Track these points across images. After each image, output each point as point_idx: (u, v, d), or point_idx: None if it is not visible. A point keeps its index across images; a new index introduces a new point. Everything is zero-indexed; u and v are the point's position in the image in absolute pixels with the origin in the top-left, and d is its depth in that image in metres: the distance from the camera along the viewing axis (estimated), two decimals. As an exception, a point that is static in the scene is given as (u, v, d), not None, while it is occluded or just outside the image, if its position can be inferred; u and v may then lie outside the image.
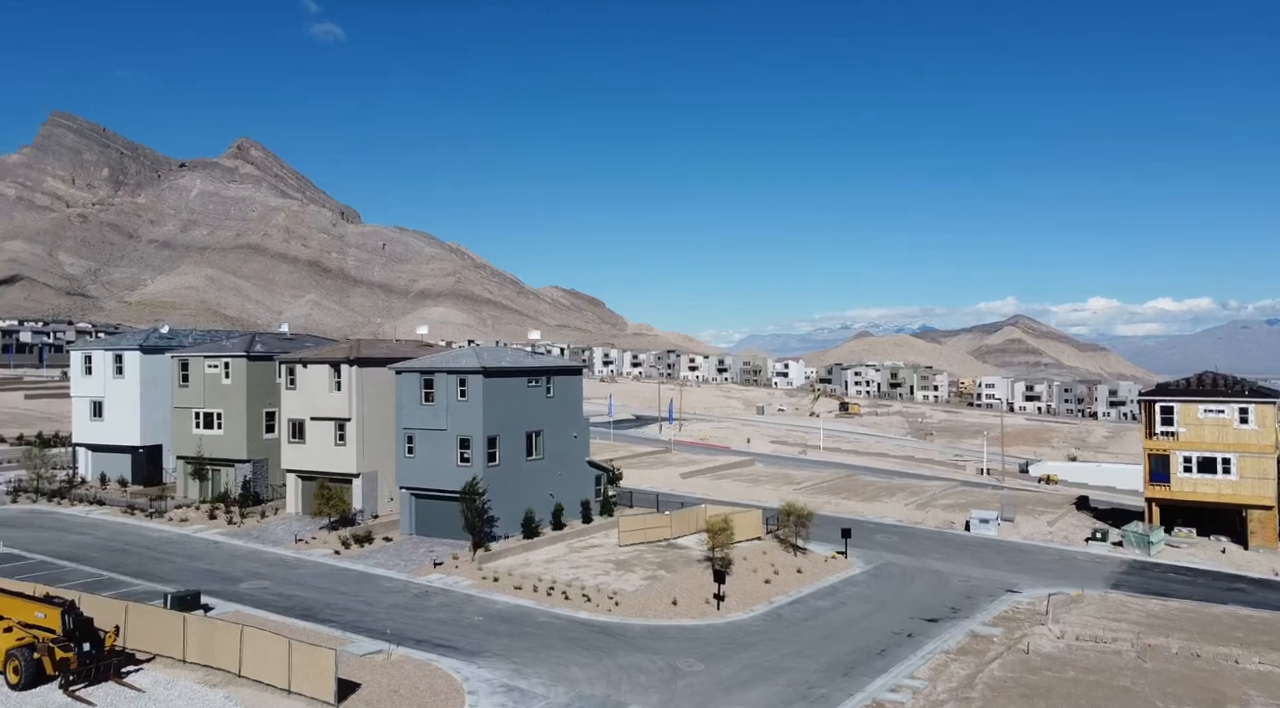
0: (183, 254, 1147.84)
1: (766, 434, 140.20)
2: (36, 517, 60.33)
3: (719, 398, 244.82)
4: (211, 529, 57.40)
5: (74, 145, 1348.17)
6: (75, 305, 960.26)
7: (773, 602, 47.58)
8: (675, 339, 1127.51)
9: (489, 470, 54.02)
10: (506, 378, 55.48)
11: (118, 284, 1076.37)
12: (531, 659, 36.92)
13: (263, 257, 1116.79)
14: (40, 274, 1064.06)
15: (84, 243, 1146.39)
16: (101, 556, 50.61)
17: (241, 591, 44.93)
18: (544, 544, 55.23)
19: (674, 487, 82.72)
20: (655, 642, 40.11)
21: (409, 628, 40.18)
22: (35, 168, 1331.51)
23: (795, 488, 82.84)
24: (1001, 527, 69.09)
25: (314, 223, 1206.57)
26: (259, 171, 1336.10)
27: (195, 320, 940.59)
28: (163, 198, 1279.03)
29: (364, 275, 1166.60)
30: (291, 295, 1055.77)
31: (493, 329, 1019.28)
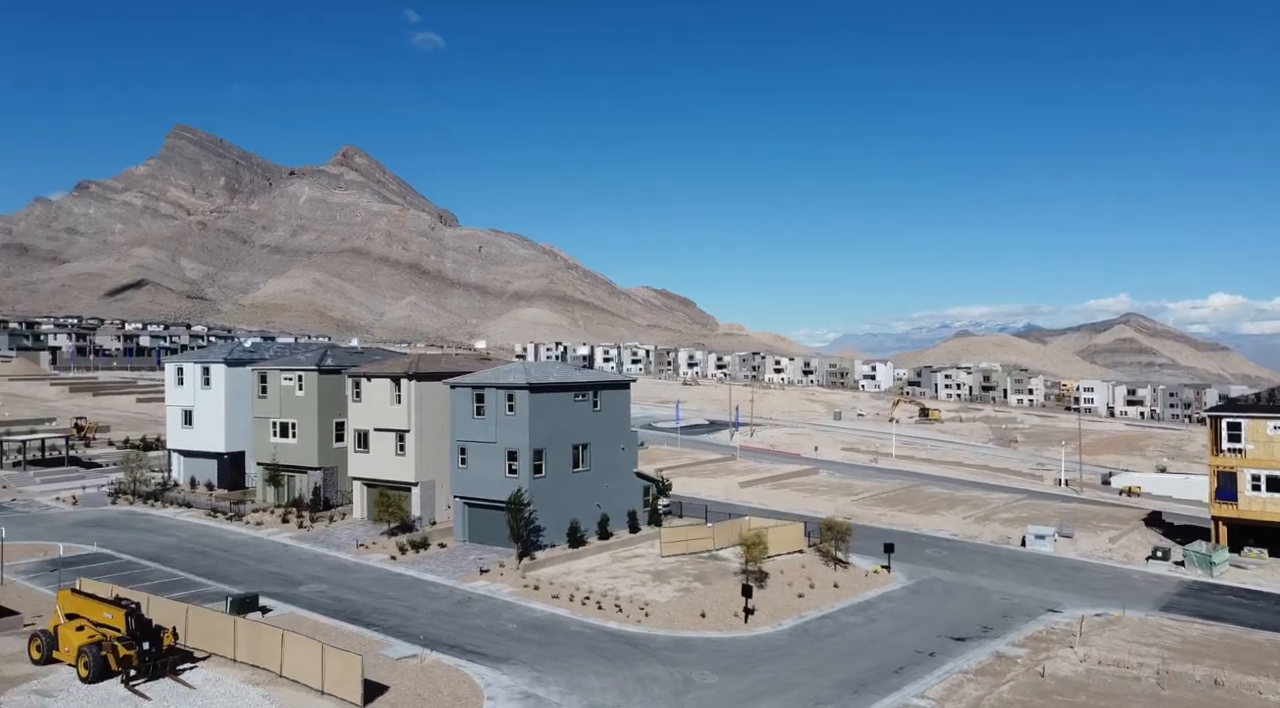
0: (292, 258, 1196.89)
1: (840, 441, 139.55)
2: (131, 518, 65.61)
3: (802, 402, 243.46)
4: (283, 533, 61.50)
5: (194, 156, 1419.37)
6: (195, 308, 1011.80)
7: (803, 616, 48.59)
8: (766, 339, 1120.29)
9: (535, 482, 56.45)
10: (553, 393, 57.80)
11: (233, 287, 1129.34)
12: (554, 668, 39.01)
13: (366, 260, 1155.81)
14: (164, 278, 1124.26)
15: (203, 249, 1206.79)
16: (181, 557, 54.99)
17: (300, 593, 48.40)
18: (588, 554, 57.37)
19: (731, 496, 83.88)
20: (677, 654, 41.71)
21: (446, 634, 42.80)
22: (160, 178, 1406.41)
23: (853, 499, 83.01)
24: (1058, 543, 68.15)
25: (414, 227, 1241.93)
26: (363, 178, 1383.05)
27: (303, 322, 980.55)
28: (274, 205, 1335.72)
29: (461, 277, 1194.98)
30: (393, 297, 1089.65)
31: (584, 330, 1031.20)
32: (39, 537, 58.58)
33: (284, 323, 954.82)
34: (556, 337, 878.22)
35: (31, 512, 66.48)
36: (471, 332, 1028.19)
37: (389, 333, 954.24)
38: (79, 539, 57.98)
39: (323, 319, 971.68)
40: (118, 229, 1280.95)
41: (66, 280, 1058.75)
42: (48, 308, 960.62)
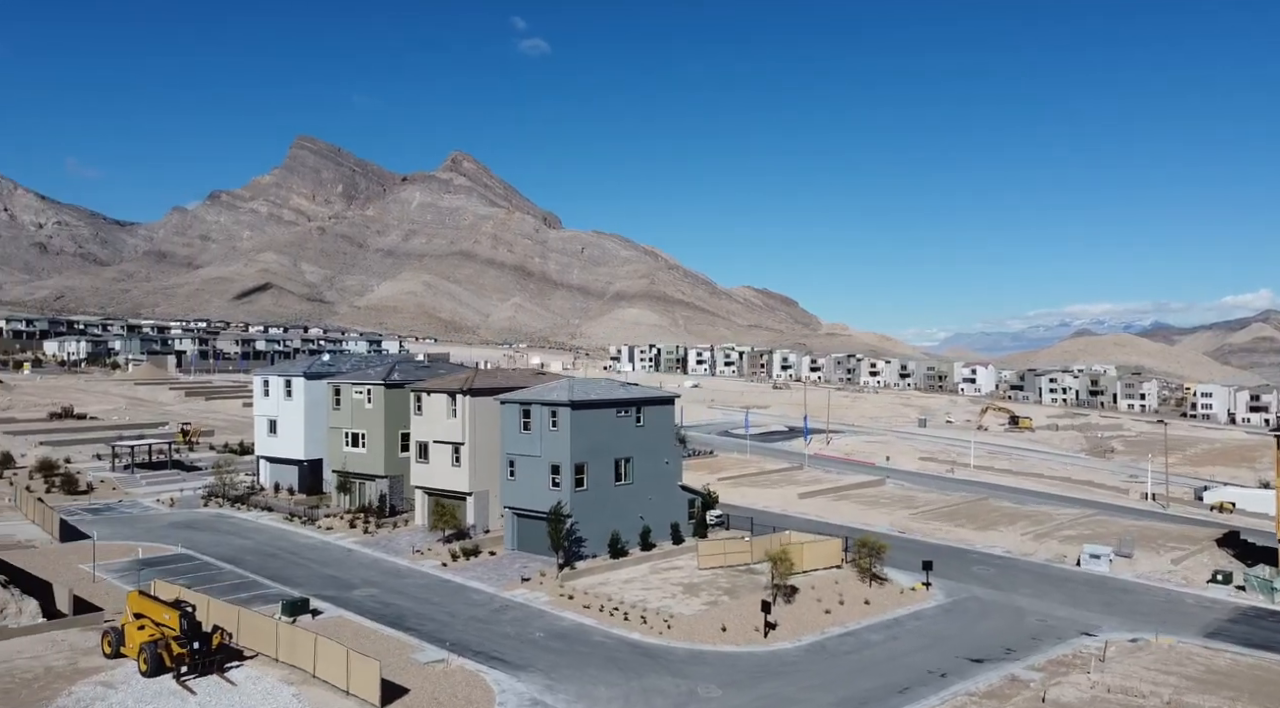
0: (404, 261, 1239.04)
1: (920, 450, 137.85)
2: (218, 520, 71.31)
3: (895, 406, 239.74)
4: (349, 538, 65.91)
5: (314, 165, 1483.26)
6: (314, 310, 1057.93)
7: (824, 633, 49.73)
8: (870, 340, 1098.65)
9: (577, 495, 59.11)
10: (595, 409, 60.33)
11: (349, 290, 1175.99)
12: (568, 676, 41.48)
13: (473, 262, 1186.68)
14: (286, 282, 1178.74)
15: (322, 253, 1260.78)
16: (254, 559, 59.81)
17: (353, 597, 52.27)
18: (628, 565, 59.70)
19: (789, 508, 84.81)
20: (689, 666, 43.61)
21: (475, 640, 45.80)
22: (283, 187, 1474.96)
23: (912, 512, 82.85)
24: (1115, 563, 66.88)
25: (519, 229, 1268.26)
26: (470, 182, 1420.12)
27: (413, 324, 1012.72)
28: (387, 210, 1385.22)
29: (564, 278, 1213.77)
30: (498, 298, 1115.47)
31: (684, 330, 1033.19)
32: (134, 537, 64.49)
33: (395, 325, 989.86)
34: (656, 337, 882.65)
35: (133, 513, 72.99)
36: (573, 332, 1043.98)
37: (494, 334, 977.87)
38: (167, 540, 63.62)
39: (432, 321, 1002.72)
40: (245, 235, 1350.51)
41: (200, 285, 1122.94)
42: (183, 310, 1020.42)
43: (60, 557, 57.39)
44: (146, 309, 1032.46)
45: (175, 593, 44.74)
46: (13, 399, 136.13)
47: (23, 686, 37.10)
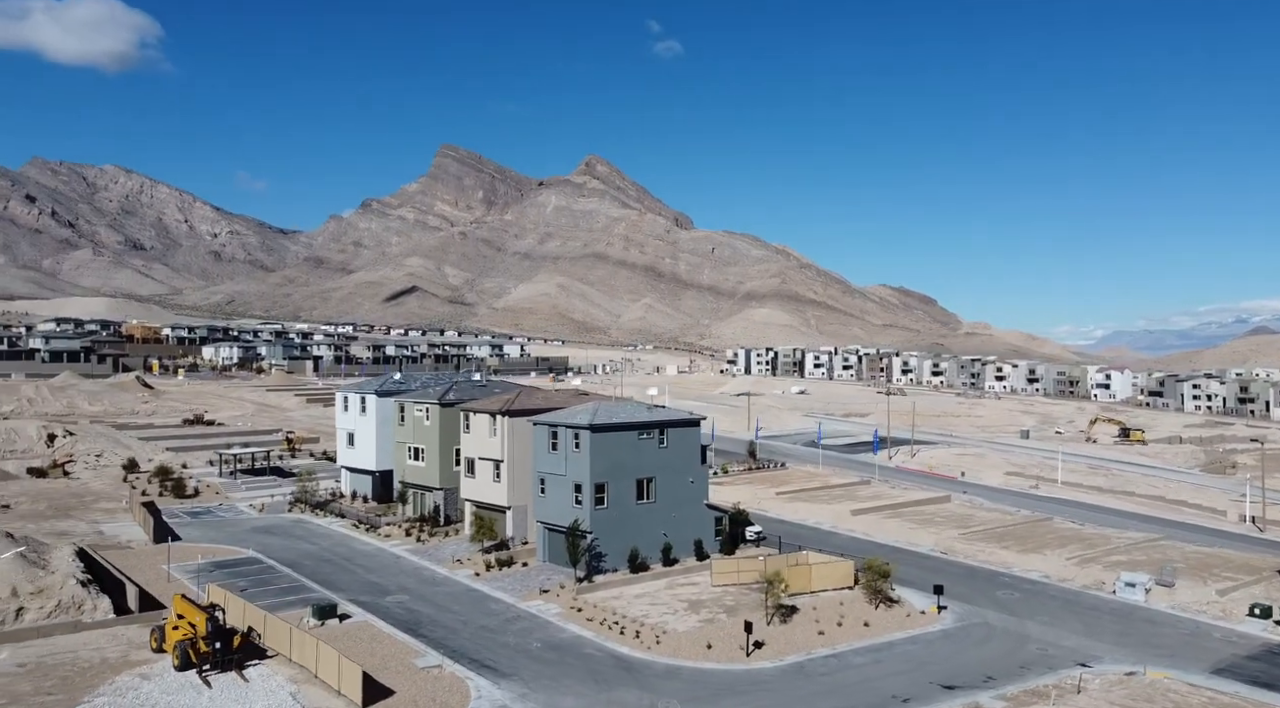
0: (539, 264, 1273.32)
1: (1014, 463, 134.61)
2: (294, 526, 78.93)
3: (1013, 414, 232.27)
4: (402, 545, 71.99)
5: (457, 172, 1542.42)
6: (455, 312, 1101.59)
7: (810, 654, 51.77)
8: (1014, 339, 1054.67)
9: (598, 512, 63.01)
10: (616, 432, 64.04)
11: (488, 292, 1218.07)
12: (544, 686, 45.43)
13: (605, 264, 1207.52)
14: (430, 285, 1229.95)
15: (463, 257, 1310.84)
16: (311, 564, 66.52)
17: (383, 603, 57.88)
18: (646, 580, 63.12)
19: (838, 524, 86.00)
20: (661, 681, 46.79)
21: (476, 647, 50.37)
22: (428, 194, 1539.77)
23: (962, 532, 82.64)
24: (1153, 592, 65.48)
25: (650, 230, 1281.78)
26: (604, 185, 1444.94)
27: (547, 325, 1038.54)
28: (525, 214, 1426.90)
29: (694, 279, 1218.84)
30: (630, 299, 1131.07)
31: (815, 330, 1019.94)
32: (219, 540, 72.55)
33: (530, 326, 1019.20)
34: (786, 338, 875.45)
35: (225, 517, 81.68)
36: (703, 333, 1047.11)
37: (625, 334, 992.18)
38: (244, 543, 71.34)
39: (565, 322, 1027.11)
40: (394, 241, 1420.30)
41: (352, 288, 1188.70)
42: (337, 313, 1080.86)
43: (148, 557, 65.63)
44: (305, 312, 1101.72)
45: (222, 597, 51.28)
46: (157, 405, 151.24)
47: (78, 673, 44.03)
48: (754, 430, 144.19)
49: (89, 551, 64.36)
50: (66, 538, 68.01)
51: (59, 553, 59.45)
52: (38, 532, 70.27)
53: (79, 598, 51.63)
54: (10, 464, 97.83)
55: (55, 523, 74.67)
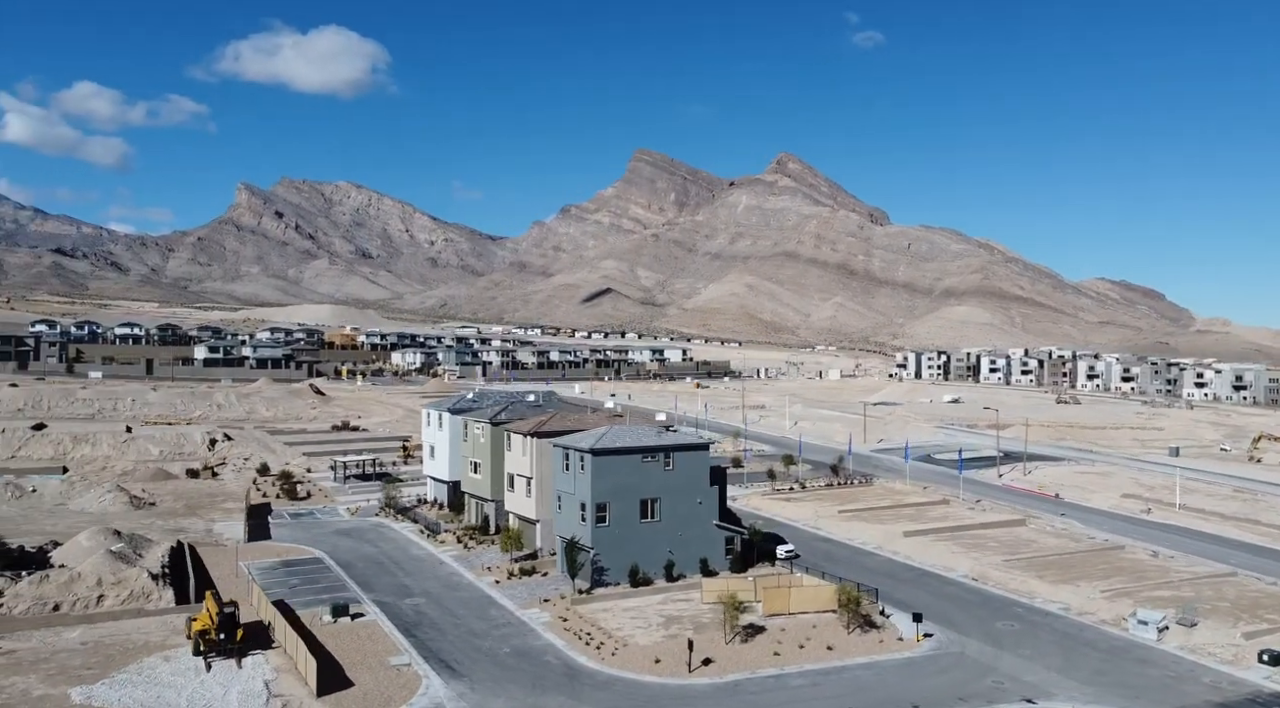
0: (729, 264, 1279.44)
1: (1143, 484, 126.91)
2: (372, 529, 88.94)
3: (1200, 427, 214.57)
4: (450, 551, 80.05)
5: (650, 176, 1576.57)
6: (646, 313, 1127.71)
7: (754, 672, 54.74)
8: (1260, 337, 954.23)
9: (599, 529, 68.27)
10: (618, 455, 68.99)
11: (679, 293, 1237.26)
12: (487, 688, 51.36)
13: (796, 263, 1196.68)
14: (624, 287, 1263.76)
15: (655, 259, 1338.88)
16: (363, 565, 75.67)
17: (399, 604, 65.71)
18: (644, 595, 67.60)
19: (883, 545, 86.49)
20: (593, 691, 51.55)
21: (452, 649, 57.00)
22: (623, 198, 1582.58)
23: (1007, 559, 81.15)
24: (1170, 631, 63.00)
25: (842, 227, 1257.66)
26: (795, 183, 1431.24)
27: (735, 325, 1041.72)
28: (716, 215, 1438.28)
29: (889, 276, 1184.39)
30: (820, 298, 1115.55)
31: (1021, 328, 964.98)
32: (302, 541, 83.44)
33: (718, 326, 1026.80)
34: (987, 337, 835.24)
35: (319, 519, 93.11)
36: (896, 332, 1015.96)
37: (814, 334, 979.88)
38: (319, 545, 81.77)
39: (753, 322, 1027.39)
40: (590, 245, 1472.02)
41: (551, 291, 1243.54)
42: (536, 315, 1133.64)
43: (232, 554, 77.04)
44: (508, 314, 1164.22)
45: (254, 593, 60.83)
46: (323, 411, 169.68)
47: (121, 652, 54.38)
48: (859, 444, 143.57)
49: (192, 546, 76.58)
50: (178, 534, 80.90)
51: (155, 549, 71.62)
52: (163, 528, 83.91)
53: (148, 589, 62.74)
54: (176, 466, 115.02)
55: (179, 520, 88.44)
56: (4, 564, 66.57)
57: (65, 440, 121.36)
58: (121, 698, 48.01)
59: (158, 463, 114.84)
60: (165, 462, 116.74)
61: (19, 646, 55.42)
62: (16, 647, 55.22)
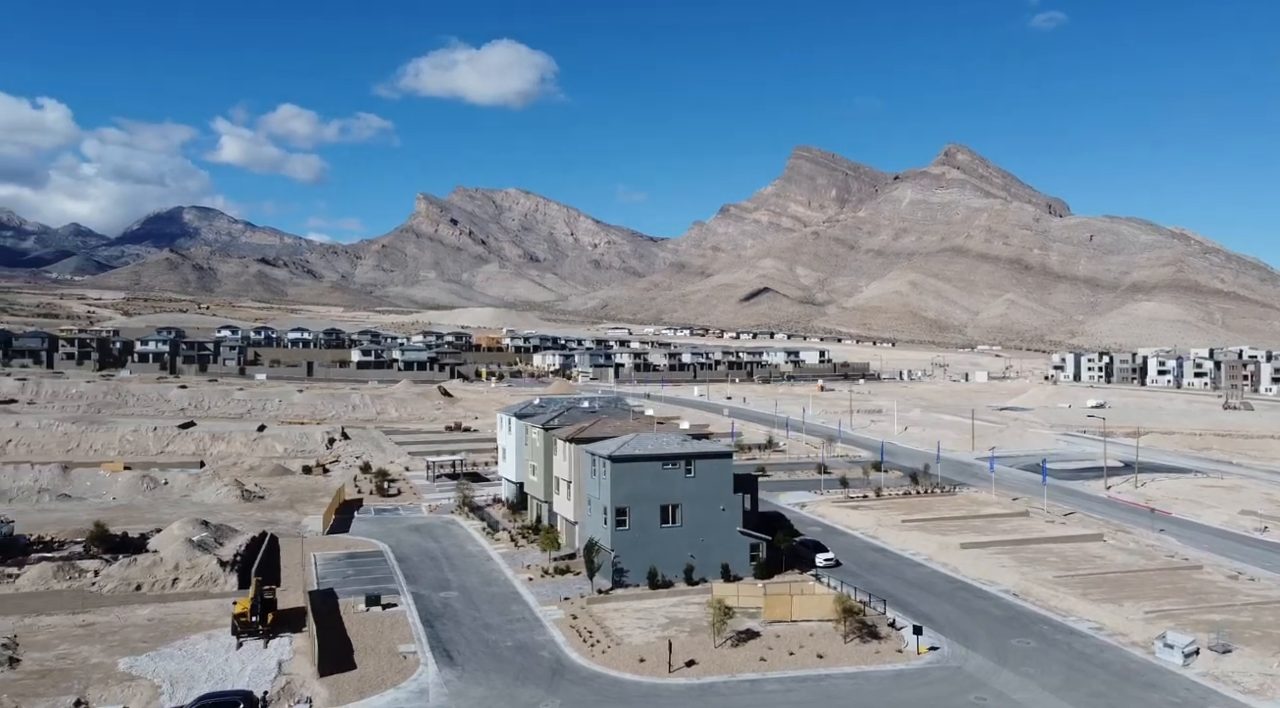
0: (892, 261, 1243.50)
1: (1276, 501, 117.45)
2: (442, 526, 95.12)
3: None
4: (501, 548, 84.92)
5: (810, 172, 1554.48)
6: (804, 313, 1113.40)
7: (733, 676, 56.35)
8: None
9: (619, 533, 71.34)
10: (638, 462, 71.77)
11: (839, 291, 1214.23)
12: (474, 677, 55.51)
13: (964, 258, 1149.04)
14: (782, 286, 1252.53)
15: (815, 257, 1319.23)
16: (416, 559, 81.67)
17: (432, 597, 70.91)
18: (659, 597, 70.06)
19: (932, 556, 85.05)
20: (570, 685, 54.75)
21: (459, 640, 61.53)
22: (782, 196, 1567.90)
23: (1059, 575, 78.19)
24: (1200, 656, 59.79)
25: (1015, 220, 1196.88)
26: (964, 175, 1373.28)
27: (897, 324, 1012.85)
28: (879, 210, 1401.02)
29: (1067, 270, 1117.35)
30: (990, 295, 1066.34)
31: (1222, 325, 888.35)
32: (374, 535, 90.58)
33: (879, 325, 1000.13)
34: (1179, 335, 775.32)
35: (398, 516, 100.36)
36: (1074, 330, 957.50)
37: (982, 333, 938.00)
38: (389, 539, 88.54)
39: (916, 320, 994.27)
40: (748, 244, 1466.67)
41: (709, 291, 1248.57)
42: (694, 315, 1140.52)
43: (309, 546, 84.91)
44: (666, 314, 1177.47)
45: (302, 582, 67.63)
46: (444, 412, 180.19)
47: (174, 629, 62.11)
48: (966, 451, 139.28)
49: (274, 537, 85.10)
50: (270, 526, 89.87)
51: (237, 539, 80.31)
52: (258, 519, 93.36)
53: (215, 574, 70.86)
54: (295, 462, 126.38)
55: (276, 512, 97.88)
56: (106, 548, 76.78)
57: (205, 438, 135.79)
58: (157, 668, 55.29)
59: (280, 460, 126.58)
60: (287, 458, 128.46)
61: (99, 619, 64.24)
62: (96, 620, 64.05)
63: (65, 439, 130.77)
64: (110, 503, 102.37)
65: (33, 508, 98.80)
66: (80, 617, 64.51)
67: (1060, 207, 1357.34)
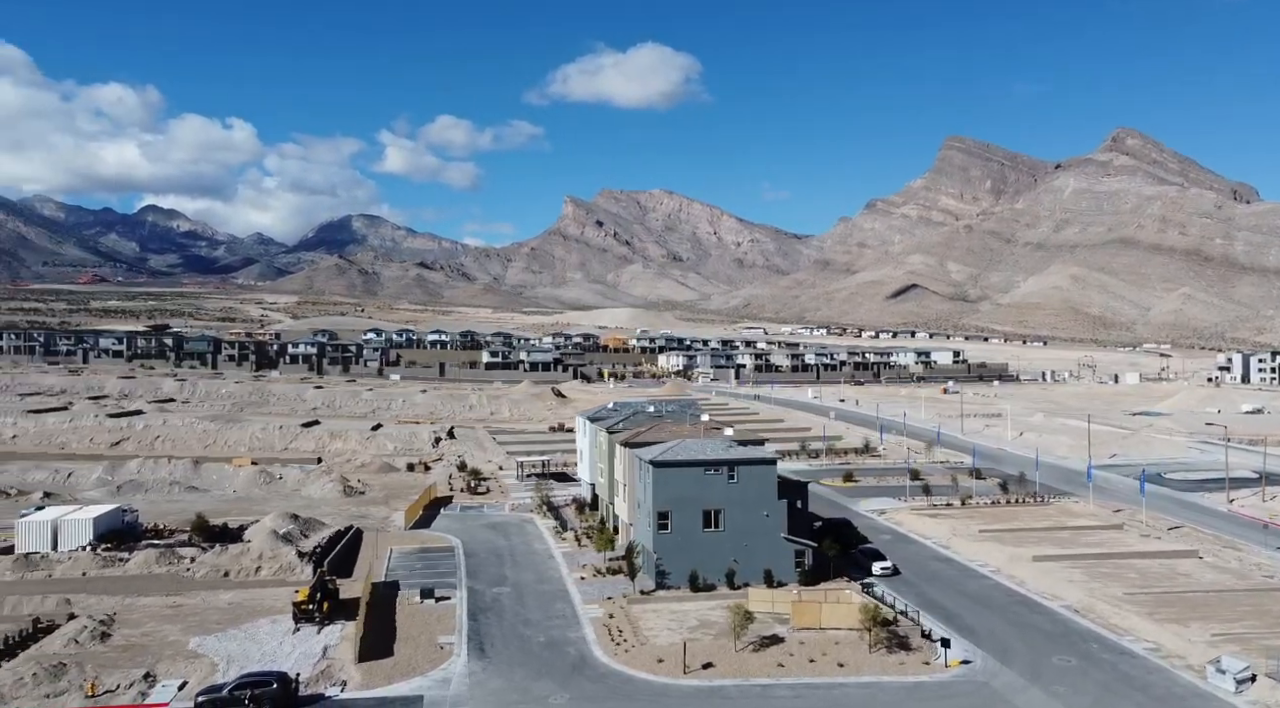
0: (1053, 254, 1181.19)
1: None
2: (517, 525, 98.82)
3: None
4: (566, 548, 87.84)
5: (962, 164, 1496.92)
6: (955, 310, 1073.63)
7: (746, 680, 57.24)
8: None
9: (660, 536, 73.08)
10: (679, 467, 73.24)
11: (993, 287, 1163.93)
12: (500, 669, 58.66)
13: (1133, 250, 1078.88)
14: (931, 283, 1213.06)
15: (968, 251, 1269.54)
16: (485, 555, 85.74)
17: (485, 591, 74.55)
18: (699, 600, 71.20)
19: (1000, 568, 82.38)
20: (585, 682, 57.04)
21: (498, 633, 64.85)
22: (932, 189, 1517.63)
23: (1129, 592, 74.33)
24: (1256, 683, 56.21)
25: (1194, 208, 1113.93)
26: (1134, 161, 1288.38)
27: (1057, 321, 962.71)
28: (1038, 201, 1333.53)
29: (1255, 261, 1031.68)
30: (1163, 289, 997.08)
31: None
32: (449, 531, 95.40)
33: (1037, 322, 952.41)
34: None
35: (481, 514, 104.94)
36: (1261, 326, 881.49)
37: (1153, 330, 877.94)
38: (465, 535, 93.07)
39: (1078, 317, 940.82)
40: (896, 240, 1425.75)
41: (854, 289, 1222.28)
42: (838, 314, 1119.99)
43: (389, 540, 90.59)
44: (809, 313, 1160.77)
45: (367, 573, 72.80)
46: (555, 412, 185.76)
47: (247, 614, 68.21)
48: (1082, 459, 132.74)
49: (359, 531, 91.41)
50: (359, 520, 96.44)
51: (322, 531, 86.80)
52: (351, 513, 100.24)
53: (292, 564, 77.12)
54: (402, 460, 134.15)
55: (369, 508, 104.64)
56: (205, 537, 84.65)
57: (324, 436, 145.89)
58: (219, 648, 61.20)
59: (389, 457, 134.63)
60: (395, 457, 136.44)
61: (186, 601, 71.32)
62: (184, 602, 71.14)
63: (204, 436, 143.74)
64: (230, 496, 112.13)
65: (163, 499, 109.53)
66: (172, 599, 71.77)
67: (1247, 192, 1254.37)
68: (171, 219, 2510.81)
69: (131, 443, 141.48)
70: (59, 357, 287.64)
